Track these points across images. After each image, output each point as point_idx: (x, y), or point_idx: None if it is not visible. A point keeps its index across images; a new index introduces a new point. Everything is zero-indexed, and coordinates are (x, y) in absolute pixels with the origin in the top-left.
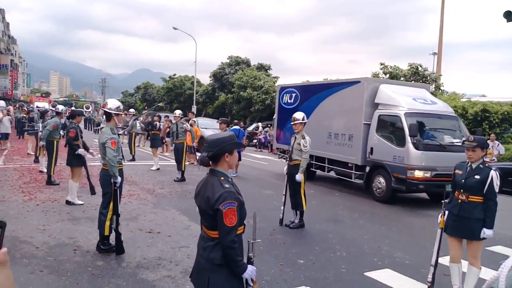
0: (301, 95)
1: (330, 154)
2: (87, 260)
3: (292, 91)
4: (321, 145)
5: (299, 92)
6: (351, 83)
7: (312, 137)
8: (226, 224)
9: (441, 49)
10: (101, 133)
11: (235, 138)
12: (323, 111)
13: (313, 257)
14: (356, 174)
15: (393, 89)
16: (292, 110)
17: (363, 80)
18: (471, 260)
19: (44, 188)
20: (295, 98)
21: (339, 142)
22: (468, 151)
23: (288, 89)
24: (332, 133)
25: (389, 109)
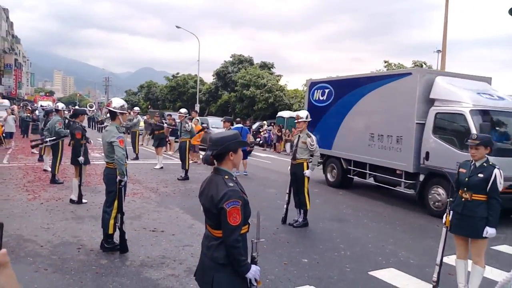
0: (336, 91)
1: (373, 159)
2: (91, 259)
3: (325, 86)
4: (361, 149)
5: (333, 87)
6: (399, 76)
7: (350, 139)
8: (230, 223)
9: (445, 47)
10: (106, 131)
11: (239, 136)
12: (363, 109)
13: (317, 256)
14: (406, 183)
15: (452, 82)
16: (325, 108)
17: (415, 71)
18: (475, 258)
19: (48, 186)
20: (329, 95)
21: (384, 145)
22: (472, 149)
23: (319, 84)
24: (375, 135)
25: (449, 105)
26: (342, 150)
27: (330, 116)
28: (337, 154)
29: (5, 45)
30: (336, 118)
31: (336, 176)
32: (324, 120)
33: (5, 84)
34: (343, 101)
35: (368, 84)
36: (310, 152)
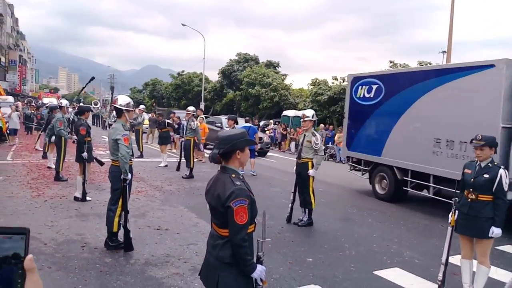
0: (387, 88)
1: (439, 169)
2: (95, 257)
3: (373, 82)
4: (422, 157)
5: (383, 83)
6: (477, 68)
7: (406, 144)
8: (236, 221)
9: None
10: (112, 129)
11: (246, 135)
12: (425, 109)
13: (321, 256)
14: None
15: None
16: (372, 107)
17: (500, 63)
18: (480, 258)
19: (52, 184)
20: (377, 92)
21: (456, 153)
22: (476, 150)
23: (365, 79)
24: (442, 140)
25: None
26: (396, 157)
27: (379, 117)
28: (389, 162)
29: (10, 41)
30: (388, 119)
31: (388, 188)
32: (370, 121)
33: (10, 80)
34: (398, 99)
35: (432, 78)
36: (315, 152)
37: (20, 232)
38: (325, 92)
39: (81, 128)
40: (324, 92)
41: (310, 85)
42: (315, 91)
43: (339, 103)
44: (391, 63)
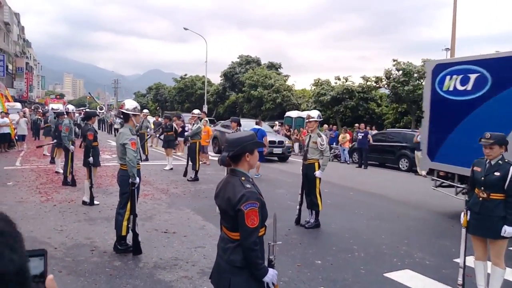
0: (495, 77)
1: None
2: (105, 261)
3: (470, 70)
4: None
5: (489, 70)
6: None
7: None
8: (247, 225)
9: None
10: (120, 133)
11: (255, 137)
12: None
13: (330, 258)
14: None
15: None
16: (471, 103)
17: None
18: (494, 260)
19: (61, 188)
20: (478, 83)
21: None
22: (486, 149)
23: (457, 66)
24: None
25: None
26: None
27: (484, 116)
28: None
29: (16, 49)
30: (499, 118)
31: None
32: (469, 121)
33: (17, 87)
34: None
35: None
36: (321, 153)
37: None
38: (328, 92)
39: (88, 133)
40: (327, 92)
41: (312, 85)
42: (318, 91)
43: (342, 103)
44: (394, 62)
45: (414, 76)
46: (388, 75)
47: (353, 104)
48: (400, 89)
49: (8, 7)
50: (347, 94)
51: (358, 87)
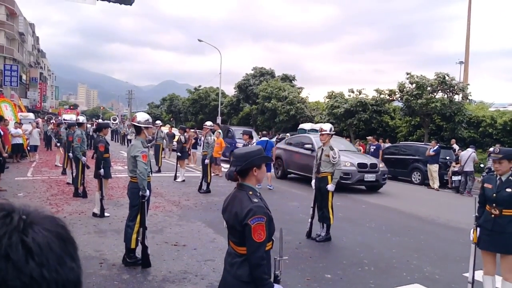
0: None
1: None
2: (113, 274)
3: None
4: None
5: None
6: None
7: None
8: (254, 239)
9: (468, 58)
10: (131, 146)
11: (263, 152)
12: None
13: (340, 272)
14: None
15: None
16: None
17: None
18: (505, 275)
19: (71, 200)
20: None
21: None
22: (495, 164)
23: None
24: None
25: None
26: None
27: None
28: None
29: (31, 59)
30: None
31: None
32: None
33: (31, 97)
34: None
35: None
36: (333, 166)
37: None
38: (342, 105)
39: (100, 144)
40: (340, 105)
41: (326, 98)
42: (332, 104)
43: (356, 115)
44: (408, 75)
45: (427, 90)
46: (402, 88)
47: (366, 117)
48: (413, 102)
49: (23, 18)
50: (360, 106)
51: (371, 100)
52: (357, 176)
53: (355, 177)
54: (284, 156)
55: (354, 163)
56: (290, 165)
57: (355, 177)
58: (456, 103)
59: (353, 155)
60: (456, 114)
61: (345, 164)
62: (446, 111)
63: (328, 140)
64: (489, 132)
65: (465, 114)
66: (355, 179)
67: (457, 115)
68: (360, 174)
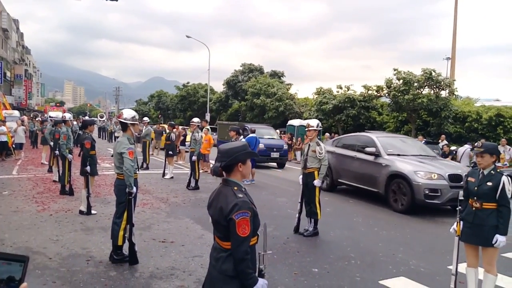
0: None
1: None
2: (100, 271)
3: None
4: None
5: None
6: None
7: None
8: (239, 234)
9: (454, 54)
10: (118, 142)
11: (248, 147)
12: None
13: (327, 266)
14: None
15: None
16: None
17: None
18: (487, 267)
19: (58, 198)
20: None
21: None
22: (477, 158)
23: None
24: None
25: None
26: None
27: None
28: None
29: (15, 56)
30: None
31: None
32: None
33: (15, 94)
34: None
35: None
36: (320, 161)
37: (20, 259)
38: (330, 101)
39: (86, 141)
40: (329, 101)
41: (314, 94)
42: (320, 100)
43: (344, 111)
44: (395, 71)
45: (414, 85)
46: (389, 84)
47: (354, 113)
48: (400, 98)
49: (7, 13)
50: (348, 102)
51: (359, 96)
52: (449, 193)
53: (446, 195)
54: (333, 162)
55: (443, 174)
56: (341, 174)
57: (447, 195)
58: (442, 99)
59: (438, 163)
60: (442, 110)
61: (432, 176)
62: (432, 106)
63: (315, 136)
64: (474, 127)
65: (451, 110)
66: (446, 198)
67: (443, 111)
68: (453, 191)
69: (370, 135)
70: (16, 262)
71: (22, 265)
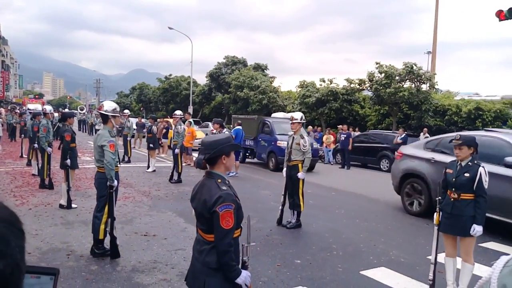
0: None
1: None
2: (81, 265)
3: None
4: None
5: None
6: None
7: None
8: (222, 226)
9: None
10: (98, 135)
11: (231, 139)
12: None
13: (310, 257)
14: None
15: None
16: None
17: None
18: (464, 256)
19: (37, 191)
20: None
21: None
22: (456, 149)
23: None
24: None
25: None
26: None
27: None
28: None
29: None
30: None
31: None
32: None
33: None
34: None
35: None
36: (304, 154)
37: (50, 272)
38: (313, 94)
39: (65, 134)
40: (312, 94)
41: (298, 87)
42: (303, 93)
43: (327, 104)
44: (377, 65)
45: (395, 79)
46: (371, 77)
47: (337, 106)
48: (382, 92)
49: None
50: (331, 96)
51: (342, 89)
52: None
53: None
54: (430, 173)
55: None
56: None
57: None
58: (423, 92)
59: None
60: (423, 103)
61: None
62: (413, 100)
63: (298, 128)
64: (454, 120)
65: (431, 103)
66: None
67: (424, 104)
68: None
69: (503, 136)
70: (45, 275)
71: (52, 278)
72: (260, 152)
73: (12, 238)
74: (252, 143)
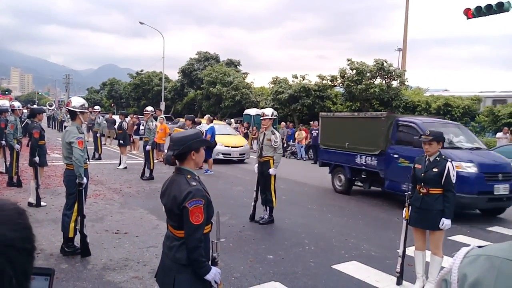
0: None
1: None
2: (51, 264)
3: None
4: None
5: None
6: None
7: None
8: (192, 222)
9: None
10: (66, 131)
11: (201, 135)
12: None
13: (282, 252)
14: None
15: None
16: None
17: None
18: (433, 250)
19: (5, 190)
20: None
21: None
22: (425, 145)
23: None
24: None
25: None
26: None
27: None
28: None
29: None
30: None
31: None
32: None
33: None
34: None
35: None
36: (275, 150)
37: (45, 273)
38: (286, 90)
39: (34, 131)
40: (284, 90)
41: (270, 83)
42: (276, 89)
43: (299, 101)
44: (348, 62)
45: (366, 75)
46: (343, 74)
47: (309, 102)
48: (353, 88)
49: None
50: (304, 92)
51: (314, 85)
52: None
53: None
54: None
55: None
56: None
57: None
58: (393, 89)
59: None
60: (393, 99)
61: None
62: (384, 96)
63: (269, 124)
64: (424, 116)
65: (401, 99)
66: None
67: (394, 100)
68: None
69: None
70: (40, 276)
71: (47, 279)
72: (393, 179)
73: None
74: (371, 160)
